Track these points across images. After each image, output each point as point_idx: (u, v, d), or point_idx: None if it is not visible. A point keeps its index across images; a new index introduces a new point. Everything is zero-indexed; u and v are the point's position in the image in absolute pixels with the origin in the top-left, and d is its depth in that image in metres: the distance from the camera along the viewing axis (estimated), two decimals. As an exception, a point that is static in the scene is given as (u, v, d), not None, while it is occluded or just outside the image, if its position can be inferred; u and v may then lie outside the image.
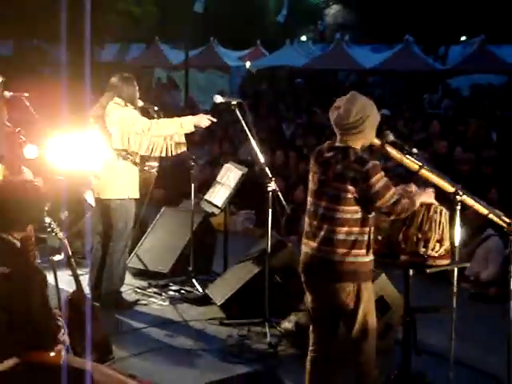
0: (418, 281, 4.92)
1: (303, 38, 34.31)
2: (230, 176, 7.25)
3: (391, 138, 4.51)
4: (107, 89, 6.63)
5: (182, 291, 7.17)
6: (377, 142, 4.49)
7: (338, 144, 4.36)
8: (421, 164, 4.58)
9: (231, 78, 26.16)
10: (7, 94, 7.18)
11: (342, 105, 4.31)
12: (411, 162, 4.58)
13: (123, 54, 23.73)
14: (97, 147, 6.58)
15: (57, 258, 5.24)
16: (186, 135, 6.70)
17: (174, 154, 6.71)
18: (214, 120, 6.70)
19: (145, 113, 6.81)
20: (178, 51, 25.60)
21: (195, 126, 6.60)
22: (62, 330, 4.04)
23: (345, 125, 4.29)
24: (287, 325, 5.96)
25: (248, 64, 27.17)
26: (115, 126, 6.48)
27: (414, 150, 4.56)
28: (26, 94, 7.37)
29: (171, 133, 6.57)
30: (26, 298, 3.78)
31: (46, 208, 4.23)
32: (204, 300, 6.89)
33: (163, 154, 6.64)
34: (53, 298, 4.40)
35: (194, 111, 18.24)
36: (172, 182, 10.46)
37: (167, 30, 25.39)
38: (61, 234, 5.05)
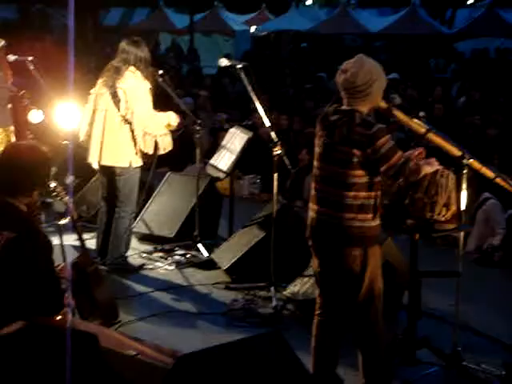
0: (423, 245, 4.92)
1: (309, 2, 34.04)
2: (235, 140, 7.22)
3: (398, 101, 4.50)
4: (117, 53, 6.57)
5: (188, 255, 7.18)
6: (383, 105, 4.45)
7: (344, 107, 4.32)
8: (428, 127, 4.56)
9: (236, 43, 26.01)
10: (11, 57, 7.14)
11: (349, 68, 4.26)
12: (418, 126, 4.55)
13: (127, 19, 23.60)
14: (99, 112, 6.56)
15: (62, 222, 5.25)
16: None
17: (164, 151, 6.70)
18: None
19: (150, 77, 6.76)
20: (183, 15, 25.44)
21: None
22: (67, 294, 4.05)
23: (352, 88, 4.25)
24: (292, 289, 5.97)
25: (253, 28, 27.01)
26: (125, 93, 6.43)
27: (421, 114, 4.53)
28: (31, 58, 7.33)
29: (161, 133, 6.59)
30: (31, 262, 3.78)
31: (52, 172, 4.21)
32: (209, 264, 6.90)
33: (150, 152, 6.61)
34: (58, 262, 4.40)
35: (199, 76, 18.24)
36: (177, 146, 10.42)
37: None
38: (66, 199, 5.05)
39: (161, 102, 7.10)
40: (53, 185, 4.82)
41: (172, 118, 6.70)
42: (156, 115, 6.59)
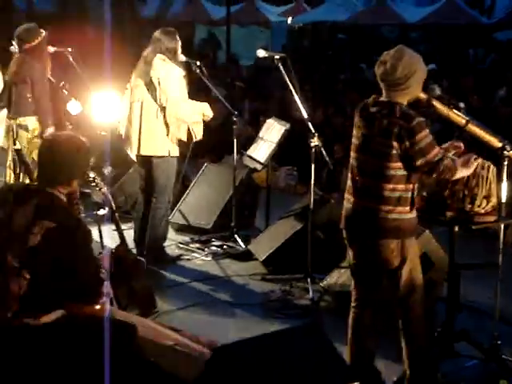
0: (463, 238, 4.87)
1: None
2: (272, 131, 7.21)
3: (438, 92, 4.46)
4: (150, 42, 6.62)
5: (225, 246, 7.20)
6: (423, 96, 4.40)
7: (383, 99, 4.28)
8: (468, 118, 4.50)
9: (273, 34, 25.94)
10: (51, 48, 7.21)
11: (389, 59, 4.21)
12: (458, 117, 4.50)
13: (165, 10, 23.59)
14: (136, 104, 6.59)
15: (101, 212, 5.29)
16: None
17: (195, 139, 6.70)
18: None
19: (187, 68, 6.78)
20: (219, 7, 25.43)
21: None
22: (106, 283, 4.08)
23: (391, 80, 4.20)
24: (330, 281, 5.96)
25: (290, 20, 26.91)
26: (158, 81, 6.46)
27: (461, 105, 4.48)
28: (70, 49, 7.40)
29: (194, 120, 6.60)
30: (71, 251, 3.81)
31: (91, 163, 4.24)
32: (246, 255, 6.91)
33: (184, 138, 6.63)
34: (97, 252, 4.43)
35: (235, 67, 18.24)
36: (214, 137, 10.45)
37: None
38: (105, 189, 5.08)
39: (197, 92, 7.12)
40: (92, 175, 4.86)
41: (206, 109, 6.71)
42: (190, 102, 6.61)
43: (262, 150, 7.23)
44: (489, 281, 4.98)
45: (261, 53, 6.45)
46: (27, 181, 6.83)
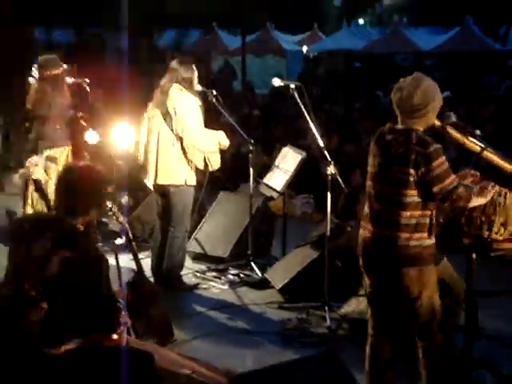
0: (480, 264, 4.85)
1: (360, 22, 34.02)
2: (288, 160, 7.22)
3: (453, 119, 4.44)
4: (167, 72, 6.67)
5: (241, 275, 7.19)
6: (438, 123, 4.41)
7: (399, 126, 4.29)
8: (483, 146, 4.50)
9: (288, 63, 26.07)
10: (69, 79, 7.32)
11: (406, 86, 4.22)
12: (473, 144, 4.50)
13: (181, 40, 23.87)
14: (153, 133, 6.63)
15: (118, 241, 5.30)
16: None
17: (212, 168, 6.74)
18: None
19: (203, 97, 6.83)
20: (235, 37, 25.63)
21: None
22: (123, 312, 4.09)
23: (408, 107, 4.22)
24: (347, 309, 5.93)
25: (305, 48, 27.06)
26: (175, 111, 6.51)
27: (477, 132, 4.48)
28: (87, 80, 7.50)
29: (211, 150, 6.63)
30: (88, 280, 3.82)
31: (108, 192, 4.27)
32: (263, 284, 6.89)
33: (200, 167, 6.67)
34: (114, 282, 4.44)
35: (251, 96, 18.34)
36: (230, 165, 10.48)
37: (225, 16, 25.44)
38: (122, 218, 5.10)
39: (212, 121, 7.16)
40: (109, 204, 4.88)
41: (223, 138, 6.75)
42: (206, 131, 6.65)
43: (278, 178, 7.24)
44: (507, 307, 4.95)
45: (276, 81, 6.48)
46: (45, 210, 6.87)
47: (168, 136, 6.57)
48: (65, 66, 7.17)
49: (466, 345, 4.82)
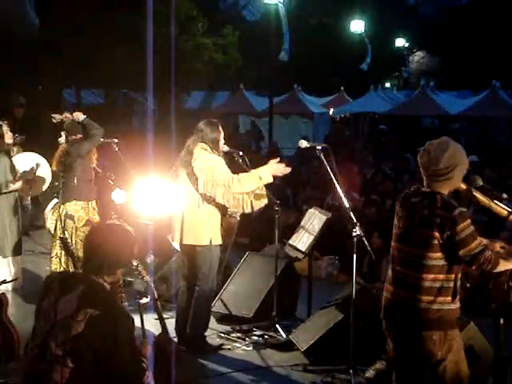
0: (509, 329, 4.79)
1: (387, 85, 34.32)
2: (314, 221, 7.24)
3: (480, 182, 4.45)
4: (193, 133, 6.74)
5: (266, 336, 7.14)
6: (463, 186, 4.42)
7: (424, 189, 4.31)
8: (510, 210, 4.49)
9: (315, 124, 26.29)
10: (98, 140, 7.48)
11: (433, 150, 4.25)
12: (500, 208, 4.49)
13: (208, 102, 24.16)
14: (179, 193, 6.67)
15: (143, 301, 5.30)
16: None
17: (256, 208, 6.72)
18: (288, 169, 6.70)
19: (230, 158, 6.89)
20: (262, 98, 25.91)
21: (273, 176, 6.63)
22: (148, 373, 4.07)
23: (434, 170, 4.24)
24: (372, 372, 5.87)
25: (332, 111, 27.29)
26: (201, 171, 6.55)
27: (504, 196, 4.47)
28: (116, 140, 7.64)
29: (252, 188, 6.56)
30: (114, 340, 3.82)
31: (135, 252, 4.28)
32: (288, 345, 6.84)
33: (247, 211, 6.65)
34: (139, 342, 4.43)
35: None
36: (256, 226, 10.51)
37: (252, 78, 25.81)
38: (147, 278, 5.11)
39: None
40: (135, 263, 4.90)
41: (264, 171, 6.57)
42: (241, 175, 6.55)
43: (303, 239, 7.25)
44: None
45: (303, 143, 6.53)
46: (72, 269, 6.91)
47: (193, 196, 6.61)
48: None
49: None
